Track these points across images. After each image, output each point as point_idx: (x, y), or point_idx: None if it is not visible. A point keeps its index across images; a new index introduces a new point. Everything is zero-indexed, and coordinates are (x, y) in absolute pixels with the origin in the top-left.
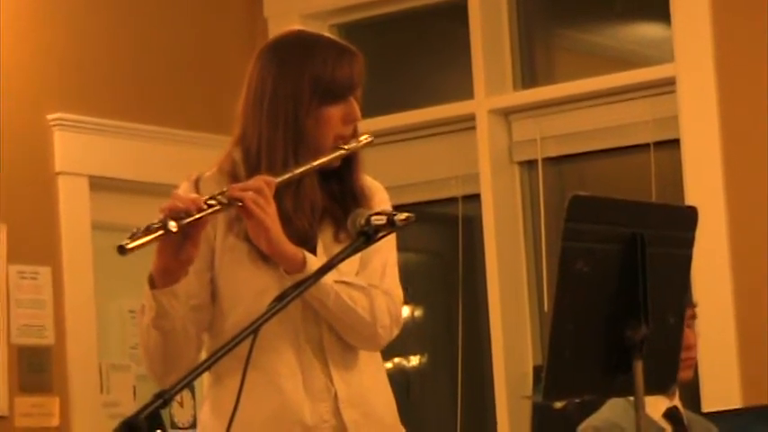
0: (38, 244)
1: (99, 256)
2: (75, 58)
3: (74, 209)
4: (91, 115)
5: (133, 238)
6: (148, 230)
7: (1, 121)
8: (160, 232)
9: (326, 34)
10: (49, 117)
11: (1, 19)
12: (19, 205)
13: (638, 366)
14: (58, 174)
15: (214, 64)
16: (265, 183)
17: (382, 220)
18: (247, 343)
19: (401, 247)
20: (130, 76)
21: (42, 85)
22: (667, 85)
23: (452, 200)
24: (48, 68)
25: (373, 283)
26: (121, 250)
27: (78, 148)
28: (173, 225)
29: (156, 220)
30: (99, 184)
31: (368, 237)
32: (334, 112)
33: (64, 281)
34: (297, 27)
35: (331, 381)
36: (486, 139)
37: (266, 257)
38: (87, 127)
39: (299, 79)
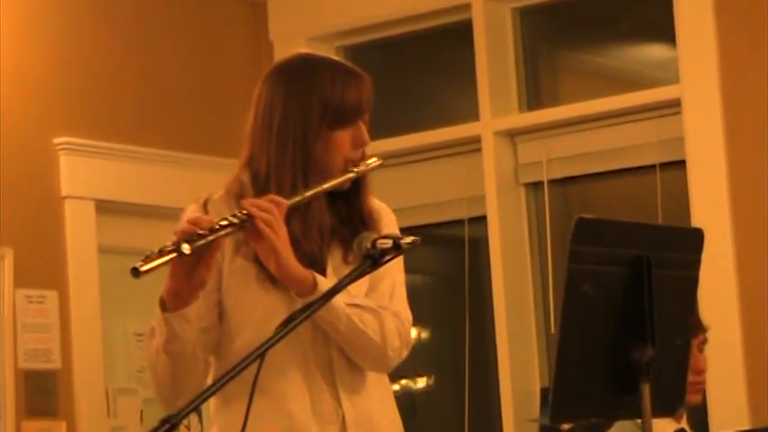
0: (44, 268)
1: (105, 280)
2: (81, 82)
3: (80, 233)
4: (97, 139)
5: (147, 260)
6: (162, 253)
7: (7, 145)
8: (173, 255)
9: (334, 57)
10: (56, 141)
11: (6, 43)
12: (25, 229)
13: (646, 388)
14: (65, 198)
15: (220, 87)
16: (276, 204)
17: (388, 243)
18: (255, 366)
19: (407, 269)
20: (136, 99)
21: (48, 109)
22: (673, 107)
23: (458, 222)
24: (54, 92)
25: (383, 305)
26: (135, 273)
27: (84, 172)
28: (186, 247)
29: (168, 243)
30: (105, 208)
31: (374, 260)
32: (343, 135)
33: (70, 305)
34: (304, 50)
35: (339, 403)
36: (492, 161)
37: (275, 280)
38: (93, 151)
39: (308, 103)
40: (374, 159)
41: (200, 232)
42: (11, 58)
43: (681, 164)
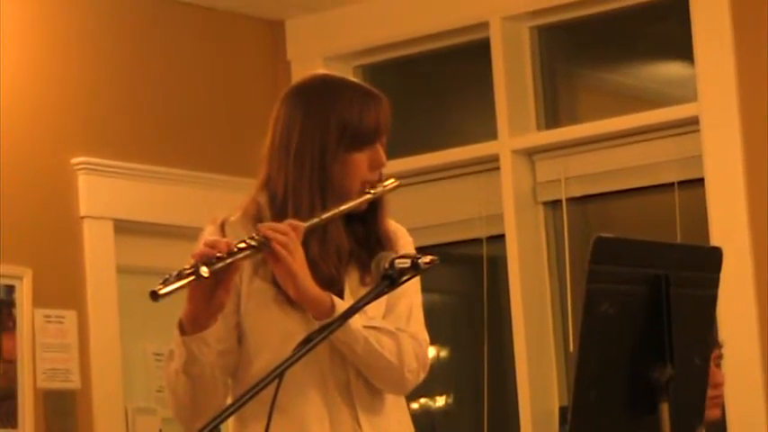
0: (63, 288)
1: (124, 300)
2: (100, 102)
3: (99, 252)
4: (115, 159)
5: (165, 283)
6: (180, 276)
7: (26, 165)
8: (192, 278)
9: (352, 78)
10: (74, 161)
11: (26, 63)
12: (44, 249)
13: (665, 408)
14: (83, 218)
15: (237, 106)
16: (293, 228)
17: (406, 263)
18: (273, 387)
19: (426, 288)
20: (154, 119)
21: (67, 129)
22: (691, 125)
23: (477, 240)
24: (72, 113)
25: (400, 326)
26: (154, 296)
27: (103, 192)
28: (204, 270)
29: (187, 266)
30: (124, 228)
31: (392, 280)
32: (361, 157)
33: (89, 324)
34: (322, 71)
35: (359, 425)
36: (510, 180)
37: (293, 301)
38: (112, 171)
39: (326, 125)
40: (392, 181)
41: (219, 255)
42: (30, 78)
43: (699, 182)
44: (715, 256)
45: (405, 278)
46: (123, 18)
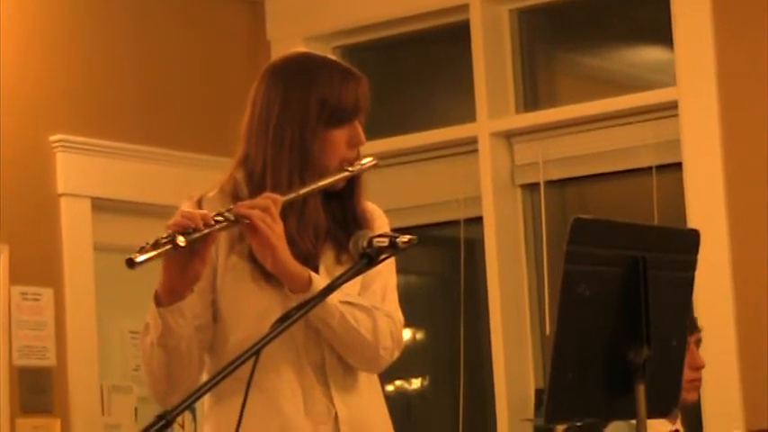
0: (40, 265)
1: (101, 278)
2: (78, 80)
3: (76, 230)
4: (93, 137)
5: (141, 251)
6: (157, 245)
7: (3, 142)
8: (168, 246)
9: (332, 57)
10: (52, 138)
11: (3, 40)
12: (21, 227)
13: (641, 389)
14: (61, 195)
15: (217, 86)
16: (272, 201)
17: (384, 242)
18: (249, 364)
19: (403, 270)
20: (133, 97)
21: (45, 106)
22: (669, 109)
23: (455, 222)
24: (50, 90)
25: (375, 305)
26: (130, 263)
27: (80, 170)
28: (181, 240)
29: (164, 235)
30: (101, 206)
31: (370, 259)
32: (340, 134)
33: (66, 302)
34: (302, 49)
35: (332, 403)
36: (489, 162)
37: (269, 277)
38: (89, 148)
39: (306, 102)
40: (369, 159)
41: (195, 226)
42: (8, 55)
43: (677, 166)
44: (692, 239)
45: (383, 257)
46: None
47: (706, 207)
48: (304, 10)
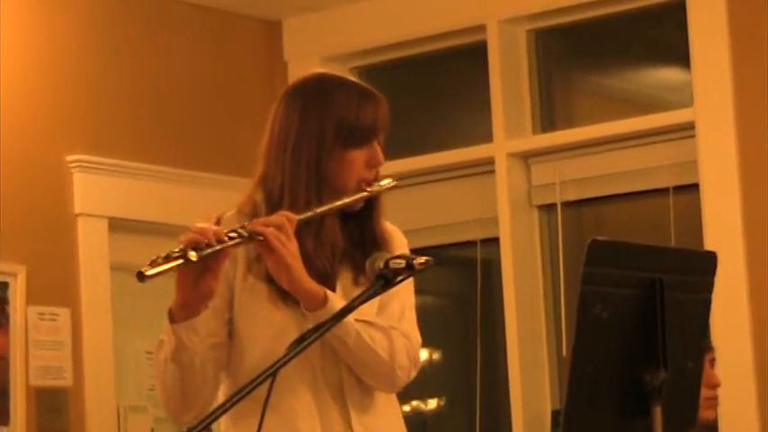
0: (57, 285)
1: (117, 298)
2: (95, 100)
3: (93, 250)
4: (110, 157)
5: (153, 264)
6: (168, 258)
7: (20, 162)
8: (180, 261)
9: (350, 77)
10: (69, 158)
11: (21, 60)
12: (38, 247)
13: (657, 411)
14: (78, 215)
15: (234, 106)
16: (287, 219)
17: (401, 263)
18: (265, 385)
19: (419, 290)
20: (150, 117)
21: (62, 126)
22: (687, 130)
23: (471, 243)
24: (67, 110)
25: (392, 324)
26: (140, 276)
27: (98, 190)
28: (192, 254)
29: (176, 249)
30: (118, 226)
31: (387, 280)
32: (358, 155)
33: (82, 322)
34: (320, 70)
35: (349, 424)
36: (505, 183)
37: (286, 298)
38: (107, 168)
39: (324, 122)
40: (389, 180)
41: (207, 241)
42: (25, 76)
43: (694, 187)
44: (709, 261)
45: (399, 279)
46: (121, 17)
47: (723, 228)
48: (321, 30)
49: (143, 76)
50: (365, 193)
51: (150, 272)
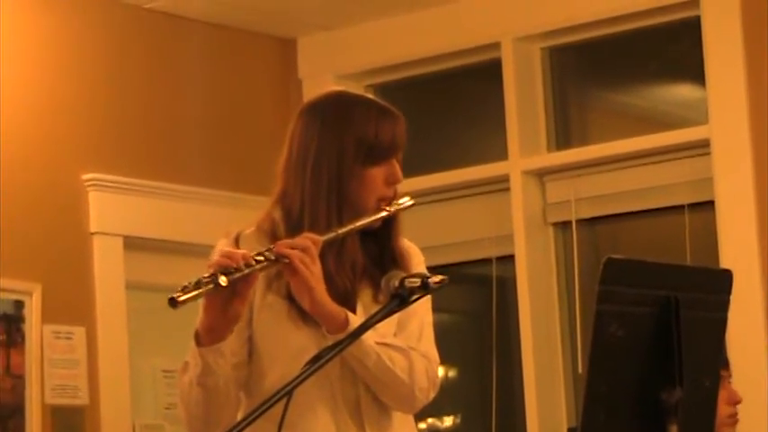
0: (72, 304)
1: (133, 316)
2: (110, 119)
3: (108, 269)
4: (126, 175)
5: (184, 291)
6: (199, 284)
7: (37, 181)
8: (211, 286)
9: (368, 95)
10: (84, 177)
11: (36, 80)
12: (54, 265)
13: (673, 430)
14: (93, 234)
15: (248, 124)
16: (312, 241)
17: (416, 282)
18: (282, 403)
19: (435, 308)
20: (165, 136)
21: (77, 145)
22: (702, 147)
23: (486, 261)
24: (83, 129)
25: (411, 345)
26: (173, 303)
27: (113, 209)
28: (223, 279)
29: (205, 274)
30: (133, 244)
31: (402, 299)
32: (377, 173)
33: (98, 341)
34: (338, 88)
35: None
36: (521, 200)
37: (305, 316)
38: (122, 187)
39: (343, 140)
40: (407, 199)
41: (236, 266)
42: (40, 95)
43: (710, 204)
44: (725, 279)
45: (414, 297)
46: (136, 35)
47: (739, 246)
48: (336, 48)
49: (158, 94)
50: (385, 213)
51: (182, 298)
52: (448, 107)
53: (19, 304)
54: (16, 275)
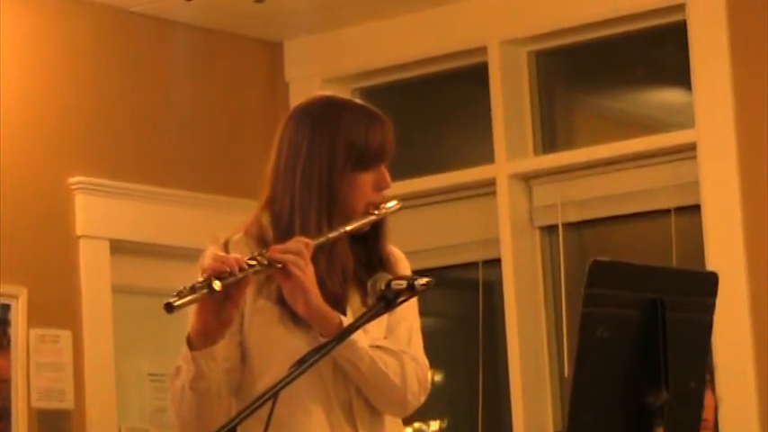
0: (59, 307)
1: (119, 320)
2: (97, 122)
3: (95, 272)
4: (112, 179)
5: (180, 295)
6: (194, 289)
7: (23, 184)
8: (205, 291)
9: (356, 100)
10: (71, 180)
11: (22, 82)
12: (40, 268)
13: None
14: (80, 237)
15: (235, 127)
16: (304, 245)
17: (402, 284)
18: (271, 405)
19: (422, 312)
20: (152, 139)
21: (63, 148)
22: (688, 151)
23: (473, 264)
24: (69, 132)
25: (401, 349)
26: (169, 308)
27: (99, 212)
28: (217, 284)
29: (200, 279)
30: (120, 248)
31: (388, 301)
32: (366, 178)
33: (84, 344)
34: (326, 92)
35: None
36: (507, 204)
37: (297, 320)
38: (108, 190)
39: (334, 145)
40: (394, 202)
41: (230, 270)
42: (26, 97)
43: (696, 208)
44: (711, 281)
45: (401, 299)
46: (122, 39)
47: (725, 249)
48: (322, 52)
49: (145, 97)
50: (374, 217)
51: (178, 303)
52: (435, 111)
53: (5, 308)
54: (2, 279)
